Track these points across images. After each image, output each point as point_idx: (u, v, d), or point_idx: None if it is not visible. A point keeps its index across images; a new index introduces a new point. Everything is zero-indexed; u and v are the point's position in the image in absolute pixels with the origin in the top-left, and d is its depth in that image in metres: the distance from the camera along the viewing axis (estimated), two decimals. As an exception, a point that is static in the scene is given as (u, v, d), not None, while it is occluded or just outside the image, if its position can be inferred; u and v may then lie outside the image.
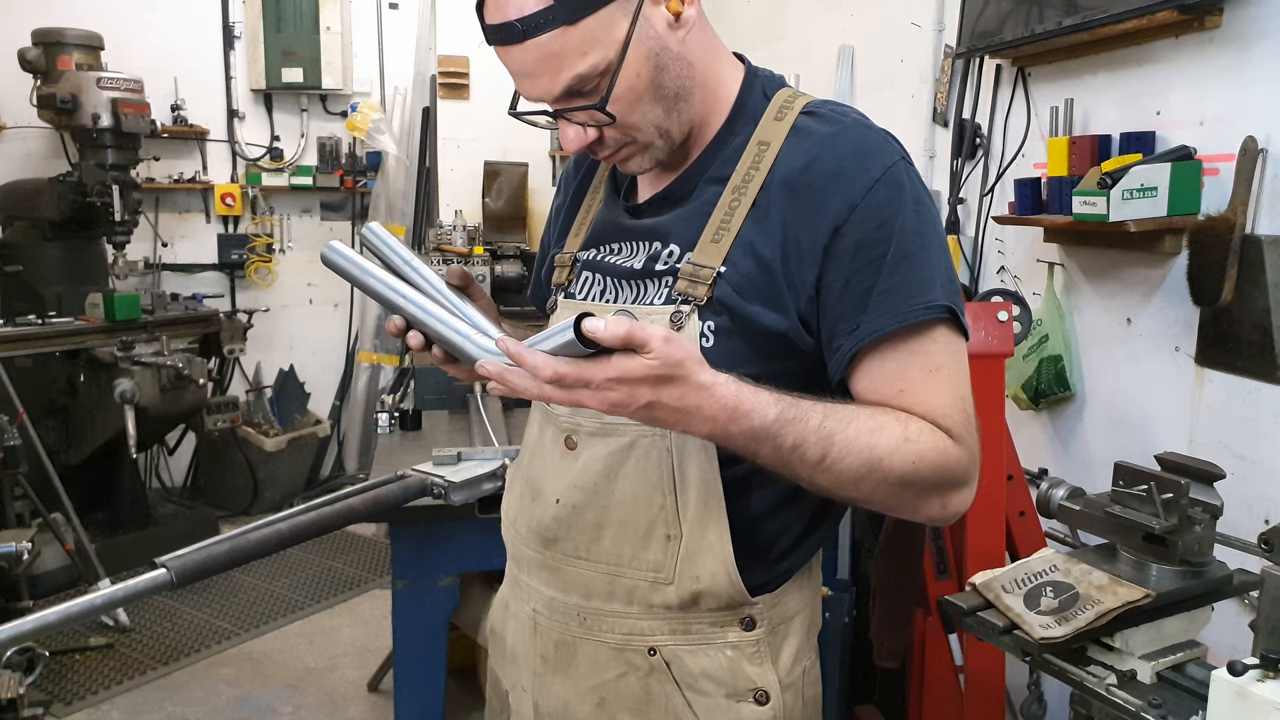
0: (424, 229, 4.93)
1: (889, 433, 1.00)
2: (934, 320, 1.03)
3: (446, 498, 2.04)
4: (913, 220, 1.03)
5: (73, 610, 1.56)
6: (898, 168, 1.04)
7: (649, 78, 1.04)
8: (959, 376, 1.05)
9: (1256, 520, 1.93)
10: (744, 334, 1.05)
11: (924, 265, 1.03)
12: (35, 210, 4.24)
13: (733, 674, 1.11)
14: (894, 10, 3.45)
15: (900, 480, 1.00)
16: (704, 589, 1.09)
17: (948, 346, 1.04)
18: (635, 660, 1.12)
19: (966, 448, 1.04)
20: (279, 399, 5.31)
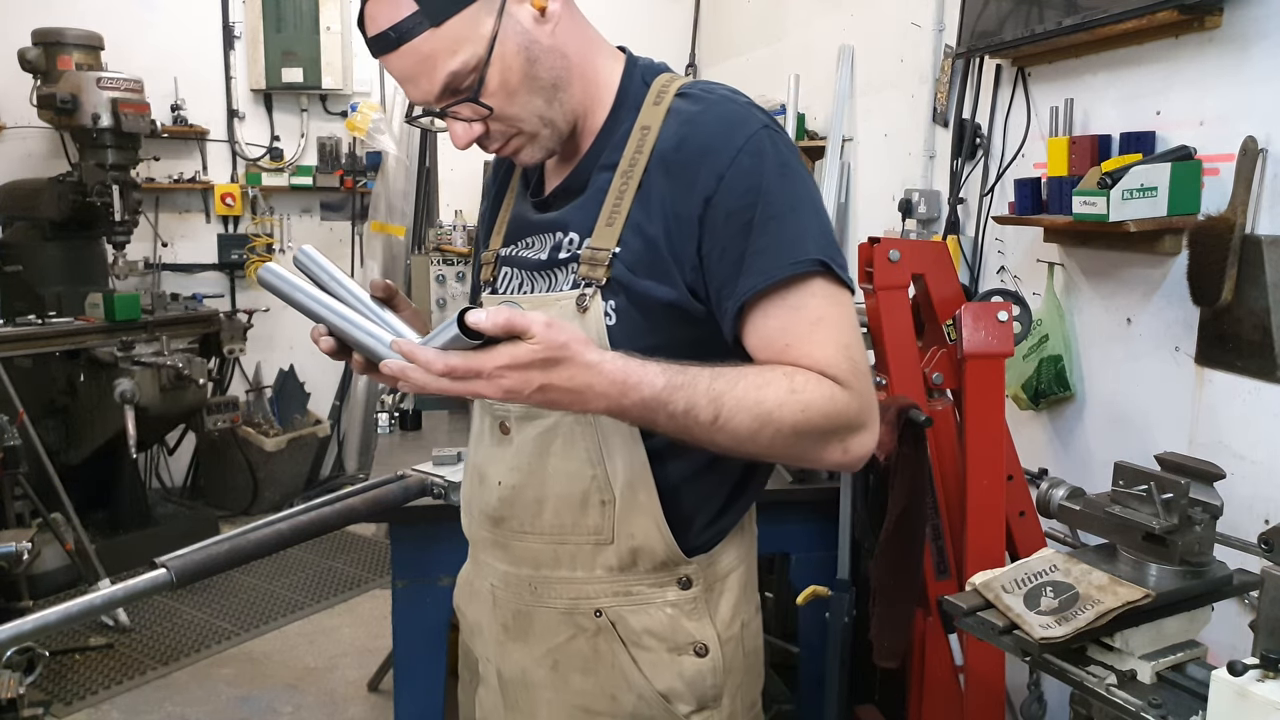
0: (424, 229, 4.93)
1: (776, 386, 1.05)
2: (808, 275, 1.08)
3: (446, 498, 2.04)
4: (777, 183, 1.08)
5: (73, 610, 1.56)
6: (759, 135, 1.10)
7: (522, 70, 1.11)
8: (841, 326, 1.10)
9: (1256, 520, 1.93)
10: (640, 308, 1.12)
11: (792, 225, 1.09)
12: (35, 210, 4.24)
13: (673, 630, 1.18)
14: (894, 10, 3.46)
15: (794, 430, 1.05)
16: (640, 545, 1.16)
17: (827, 298, 1.10)
18: (583, 623, 1.20)
19: (854, 392, 1.08)
20: (279, 399, 5.31)
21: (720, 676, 1.21)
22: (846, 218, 3.85)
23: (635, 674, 1.19)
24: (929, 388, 2.24)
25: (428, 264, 3.79)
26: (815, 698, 2.46)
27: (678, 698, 1.19)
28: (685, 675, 1.19)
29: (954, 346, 2.19)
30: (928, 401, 2.22)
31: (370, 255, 5.29)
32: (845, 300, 1.12)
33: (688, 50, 5.77)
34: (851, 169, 3.84)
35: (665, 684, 1.19)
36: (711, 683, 1.20)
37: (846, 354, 1.09)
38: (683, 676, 1.19)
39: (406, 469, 2.14)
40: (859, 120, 3.80)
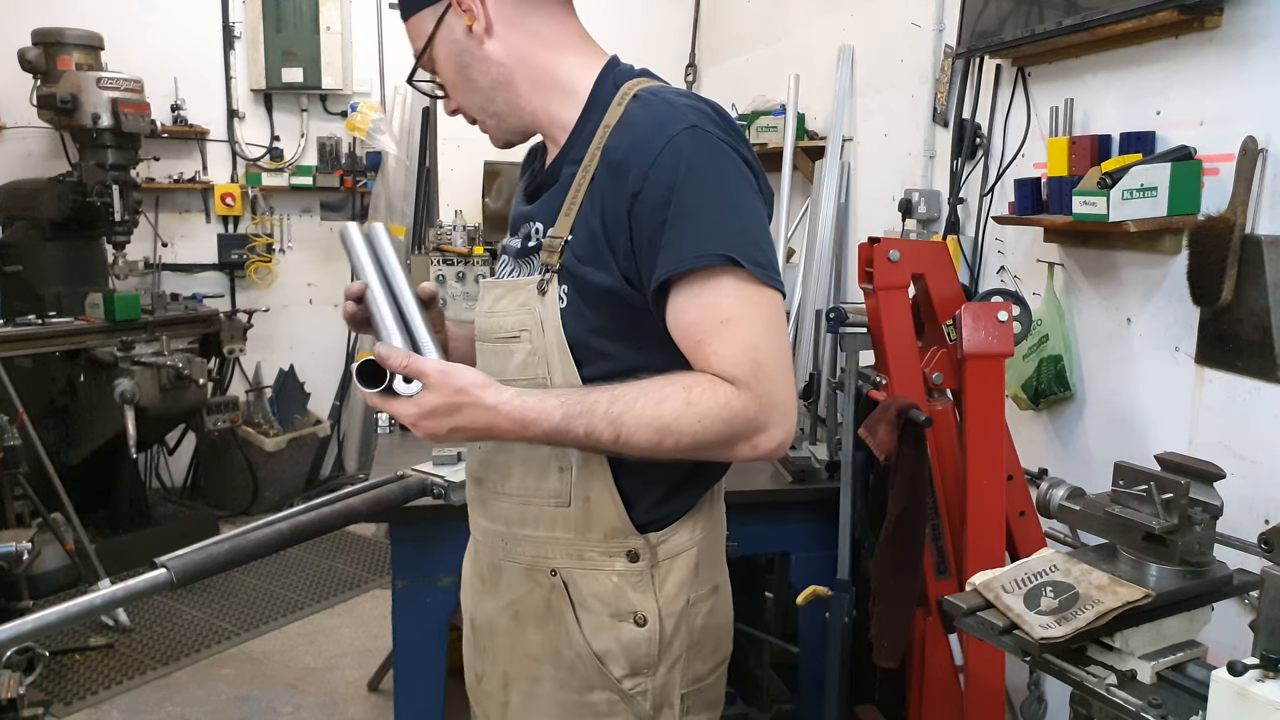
0: (424, 229, 4.93)
1: (673, 401, 1.13)
2: (717, 270, 1.14)
3: (446, 498, 2.04)
4: (690, 180, 1.14)
5: (73, 610, 1.56)
6: (681, 135, 1.15)
7: (456, 70, 1.29)
8: (751, 326, 1.15)
9: (1256, 520, 1.93)
10: (584, 293, 1.21)
11: (703, 221, 1.14)
12: (35, 210, 4.24)
13: (616, 597, 1.27)
14: (894, 10, 3.46)
15: (694, 439, 1.14)
16: (594, 510, 1.26)
17: (739, 298, 1.14)
18: (540, 579, 1.30)
19: (754, 394, 1.14)
20: (279, 399, 5.31)
21: (656, 647, 1.28)
22: (846, 218, 3.85)
23: (576, 633, 1.28)
24: (929, 388, 2.24)
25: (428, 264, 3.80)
26: (815, 698, 2.46)
27: (613, 660, 1.27)
28: (622, 640, 1.27)
29: (954, 346, 2.20)
30: (928, 401, 2.22)
31: (370, 255, 5.28)
32: (761, 299, 1.15)
33: (688, 50, 5.77)
34: (851, 169, 3.84)
35: (602, 646, 1.27)
36: (646, 651, 1.27)
37: (751, 355, 1.14)
38: (619, 641, 1.27)
39: (406, 469, 2.14)
40: (859, 120, 3.80)
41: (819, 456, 2.58)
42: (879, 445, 2.03)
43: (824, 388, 2.78)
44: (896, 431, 2.03)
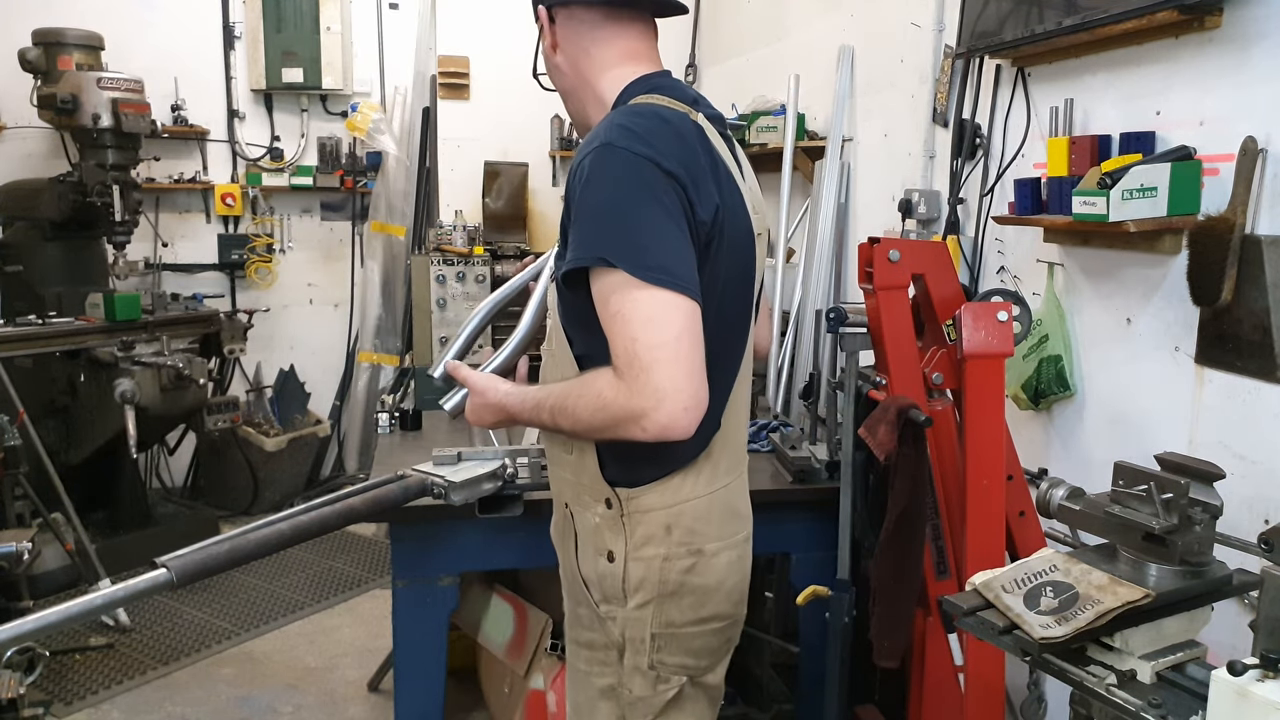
0: (424, 229, 4.93)
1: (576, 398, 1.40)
2: (605, 270, 1.33)
3: (446, 498, 2.04)
4: (584, 194, 1.36)
5: (73, 610, 1.56)
6: (592, 154, 1.37)
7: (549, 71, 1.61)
8: (631, 319, 1.32)
9: (1256, 520, 1.93)
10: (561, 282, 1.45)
11: (589, 229, 1.36)
12: (35, 210, 4.24)
13: (596, 535, 1.53)
14: (894, 10, 3.46)
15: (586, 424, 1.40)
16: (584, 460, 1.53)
17: (624, 295, 1.33)
18: (563, 510, 1.62)
19: (627, 383, 1.32)
20: (279, 399, 5.31)
21: (620, 584, 1.51)
22: (846, 218, 3.85)
23: (573, 557, 1.58)
24: (929, 388, 2.24)
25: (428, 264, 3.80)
26: (815, 698, 2.46)
27: (592, 585, 1.54)
28: (599, 571, 1.53)
29: (954, 346, 2.20)
30: (928, 401, 2.22)
31: (370, 255, 5.29)
32: (644, 297, 1.32)
33: (688, 50, 5.77)
34: (851, 169, 3.84)
35: (587, 571, 1.55)
36: (612, 585, 1.52)
37: (629, 347, 1.32)
38: (597, 571, 1.53)
39: (406, 469, 2.14)
40: (859, 120, 3.80)
41: (819, 456, 2.58)
42: (879, 445, 2.03)
43: (824, 388, 2.78)
44: (896, 431, 2.03)
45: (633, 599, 1.50)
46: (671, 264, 1.33)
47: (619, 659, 1.53)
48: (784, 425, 2.88)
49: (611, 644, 1.53)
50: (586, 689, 1.59)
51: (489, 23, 5.43)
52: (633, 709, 1.54)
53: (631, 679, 1.53)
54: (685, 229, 1.37)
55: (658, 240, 1.33)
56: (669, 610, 1.51)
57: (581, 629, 1.59)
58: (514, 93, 3.69)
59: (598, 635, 1.55)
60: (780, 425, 2.88)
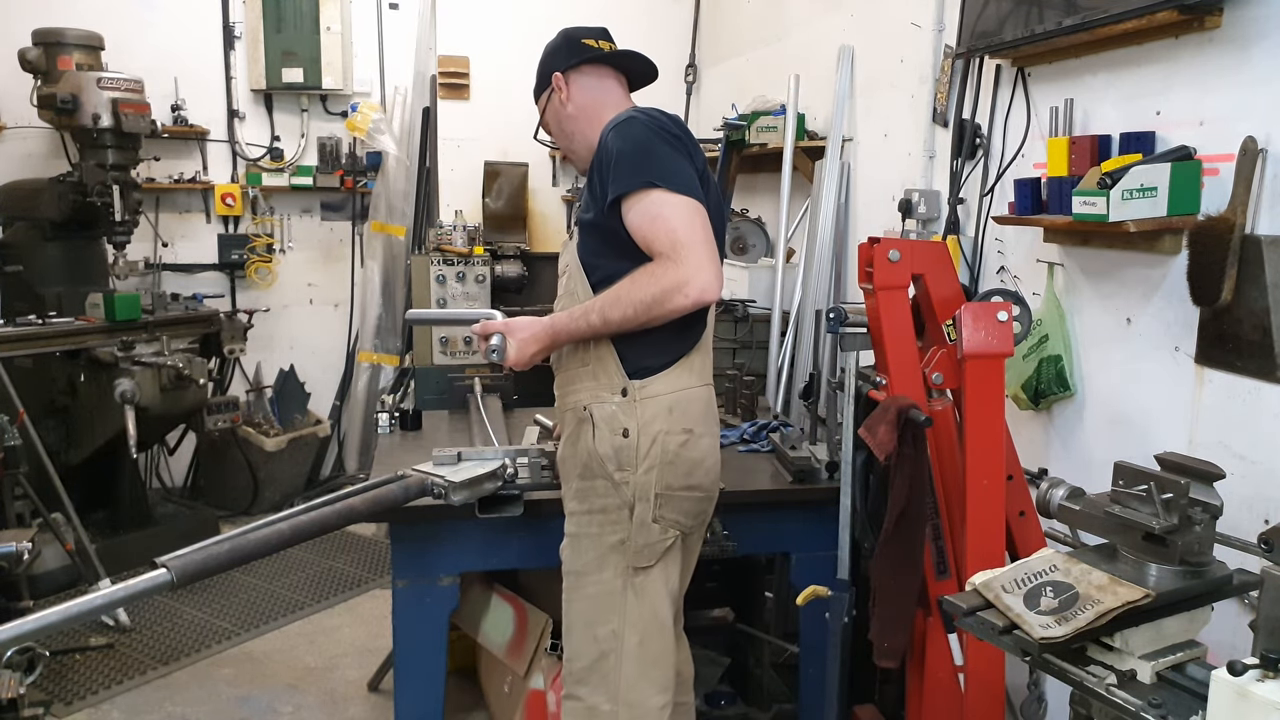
0: (424, 229, 4.93)
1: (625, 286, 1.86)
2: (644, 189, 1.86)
3: (446, 498, 2.04)
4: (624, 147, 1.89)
5: (73, 610, 1.56)
6: (614, 128, 1.94)
7: (556, 125, 2.16)
8: (668, 216, 1.85)
9: (1256, 520, 1.93)
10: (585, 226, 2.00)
11: (632, 165, 1.87)
12: (35, 210, 4.24)
13: (614, 418, 1.96)
14: (894, 10, 3.46)
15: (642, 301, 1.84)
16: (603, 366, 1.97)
17: (660, 200, 1.85)
18: (580, 414, 2.00)
19: (671, 261, 1.83)
20: (279, 399, 5.31)
21: (632, 453, 1.95)
22: (846, 218, 3.85)
23: (591, 442, 1.97)
24: (929, 388, 2.24)
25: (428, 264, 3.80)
26: (815, 698, 2.46)
27: (608, 459, 1.95)
28: (615, 445, 1.95)
29: (954, 346, 2.19)
30: (928, 401, 2.22)
31: (370, 255, 5.28)
32: (676, 201, 1.85)
33: (688, 50, 5.77)
34: (851, 169, 3.84)
35: (604, 449, 1.96)
36: (628, 455, 1.95)
37: (668, 234, 1.83)
38: (614, 446, 1.95)
39: (406, 469, 2.14)
40: (859, 120, 3.80)
41: (819, 456, 2.58)
42: (879, 445, 2.03)
43: (824, 388, 2.78)
44: (896, 431, 2.03)
45: (642, 465, 1.94)
46: (691, 185, 1.88)
47: (629, 516, 1.95)
48: (784, 425, 2.88)
49: (624, 504, 1.95)
50: (596, 548, 1.98)
51: (489, 23, 5.43)
52: (639, 555, 1.95)
53: (640, 530, 1.95)
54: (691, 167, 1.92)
55: (679, 169, 1.89)
56: (667, 475, 1.95)
57: (595, 498, 1.98)
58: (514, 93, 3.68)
59: (611, 499, 1.96)
60: (780, 425, 2.88)
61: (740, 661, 3.03)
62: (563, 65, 2.09)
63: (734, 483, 2.44)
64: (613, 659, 1.97)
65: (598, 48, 2.10)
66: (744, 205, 4.65)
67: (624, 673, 1.97)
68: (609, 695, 1.97)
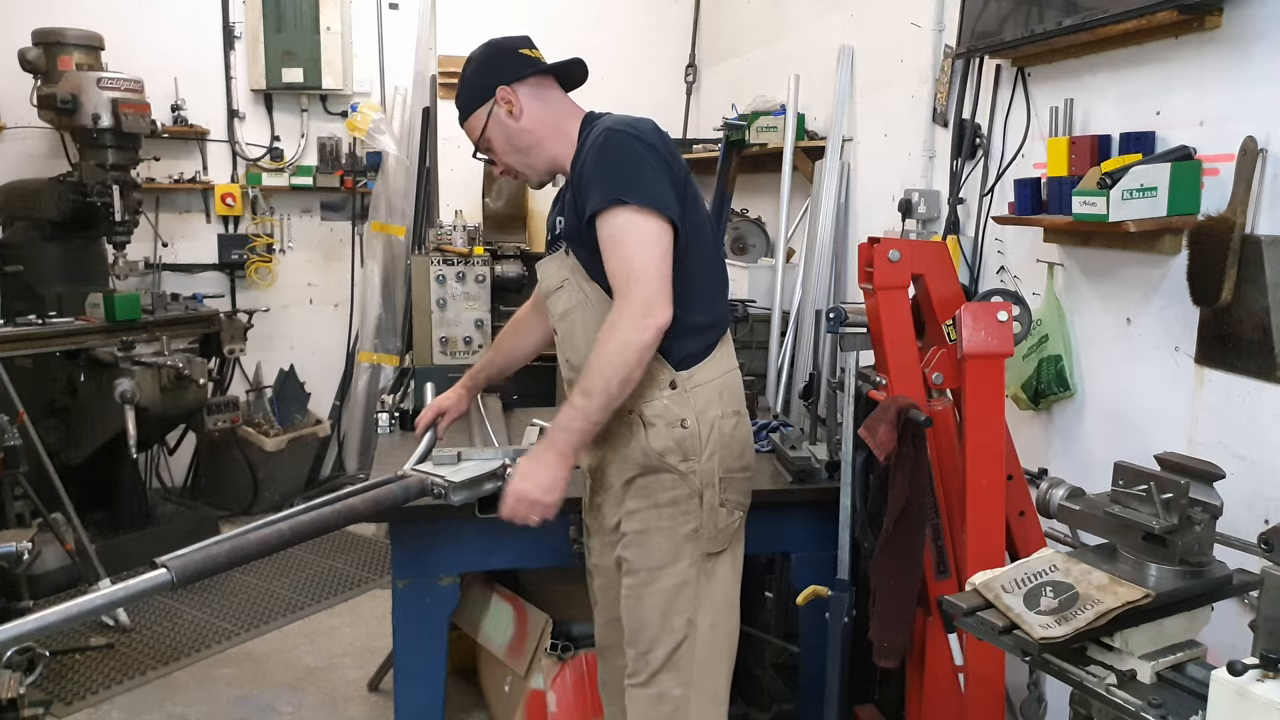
0: (424, 229, 4.92)
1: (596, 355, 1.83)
2: (612, 206, 1.82)
3: (446, 498, 2.04)
4: (604, 159, 1.86)
5: (73, 610, 1.56)
6: (599, 137, 1.89)
7: (504, 141, 2.04)
8: (627, 243, 1.82)
9: (1256, 520, 1.93)
10: (579, 244, 1.94)
11: (609, 179, 1.84)
12: (35, 210, 4.24)
13: (668, 411, 1.94)
14: (894, 10, 3.46)
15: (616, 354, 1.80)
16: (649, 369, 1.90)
17: (623, 223, 1.83)
18: (626, 418, 1.96)
19: (626, 299, 1.81)
20: (279, 399, 5.30)
21: (696, 441, 1.94)
22: (846, 218, 3.85)
23: (645, 440, 1.95)
24: (929, 388, 2.24)
25: (428, 264, 3.79)
26: (815, 698, 2.46)
27: (670, 452, 1.94)
28: (675, 437, 1.94)
29: (954, 346, 2.20)
30: (928, 401, 2.22)
31: (370, 255, 5.28)
32: (641, 223, 1.82)
33: (688, 50, 5.77)
34: (851, 169, 3.84)
35: (664, 444, 1.94)
36: (691, 445, 1.94)
37: (624, 265, 1.81)
38: (674, 438, 1.94)
39: (406, 469, 2.14)
40: (859, 120, 3.80)
41: (819, 456, 2.58)
42: (879, 445, 2.03)
43: (824, 388, 2.78)
44: (896, 431, 2.03)
45: (705, 452, 1.94)
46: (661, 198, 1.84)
47: (699, 504, 1.95)
48: (784, 425, 2.88)
49: (694, 493, 1.95)
50: (671, 539, 1.96)
51: (489, 23, 5.43)
52: (713, 540, 1.97)
53: (713, 516, 1.96)
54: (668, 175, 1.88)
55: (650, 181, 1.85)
56: (726, 458, 1.97)
57: (661, 491, 1.96)
58: (514, 93, 3.67)
59: (681, 490, 1.95)
60: (780, 425, 2.88)
61: (740, 661, 3.03)
62: (507, 78, 2.01)
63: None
64: (686, 645, 1.98)
65: (538, 58, 2.06)
66: (744, 205, 4.65)
67: (696, 657, 1.98)
68: (681, 681, 1.98)
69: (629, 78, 5.17)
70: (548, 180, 2.08)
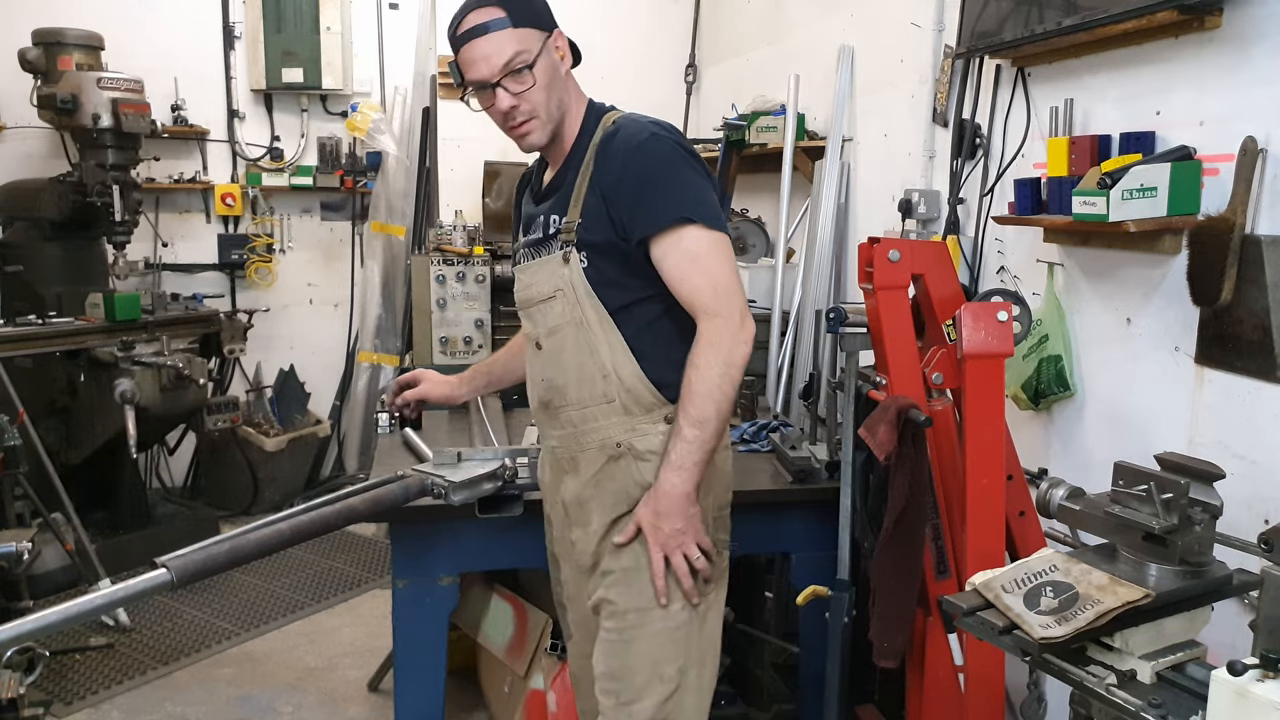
0: (424, 229, 4.93)
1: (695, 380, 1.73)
2: (681, 224, 1.73)
3: (446, 498, 2.04)
4: (659, 168, 1.75)
5: (73, 610, 1.56)
6: (648, 140, 1.76)
7: (549, 77, 1.80)
8: (707, 261, 1.74)
9: (1256, 520, 1.93)
10: (598, 252, 1.79)
11: (668, 194, 1.74)
12: (35, 210, 4.24)
13: (663, 445, 1.79)
14: (894, 10, 3.46)
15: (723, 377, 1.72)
16: (634, 397, 1.82)
17: (699, 241, 1.74)
18: (610, 451, 1.85)
19: (720, 316, 1.73)
20: (279, 399, 5.30)
21: None
22: (846, 218, 3.85)
23: (640, 476, 1.82)
24: (929, 388, 2.24)
25: (428, 264, 3.80)
26: (815, 698, 2.46)
27: None
28: None
29: (954, 346, 2.20)
30: (928, 401, 2.22)
31: (370, 255, 5.28)
32: (713, 240, 1.75)
33: (688, 50, 5.77)
34: (851, 169, 3.84)
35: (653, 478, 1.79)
36: None
37: (710, 282, 1.73)
38: None
39: (406, 469, 2.14)
40: (859, 120, 3.80)
41: (819, 456, 2.58)
42: (879, 445, 2.03)
43: (824, 388, 2.78)
44: (896, 431, 2.03)
45: (700, 490, 1.80)
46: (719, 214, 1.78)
47: None
48: (784, 425, 2.88)
49: None
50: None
51: (489, 23, 5.43)
52: (706, 582, 1.84)
53: None
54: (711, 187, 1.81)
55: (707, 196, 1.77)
56: (716, 494, 1.88)
57: None
58: (514, 93, 3.68)
59: None
60: (780, 425, 2.88)
61: (740, 661, 3.03)
62: (553, 25, 1.84)
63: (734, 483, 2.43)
64: (676, 697, 1.83)
65: None
66: (744, 205, 4.65)
67: (685, 705, 1.84)
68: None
69: (629, 77, 5.16)
70: (545, 142, 1.85)
